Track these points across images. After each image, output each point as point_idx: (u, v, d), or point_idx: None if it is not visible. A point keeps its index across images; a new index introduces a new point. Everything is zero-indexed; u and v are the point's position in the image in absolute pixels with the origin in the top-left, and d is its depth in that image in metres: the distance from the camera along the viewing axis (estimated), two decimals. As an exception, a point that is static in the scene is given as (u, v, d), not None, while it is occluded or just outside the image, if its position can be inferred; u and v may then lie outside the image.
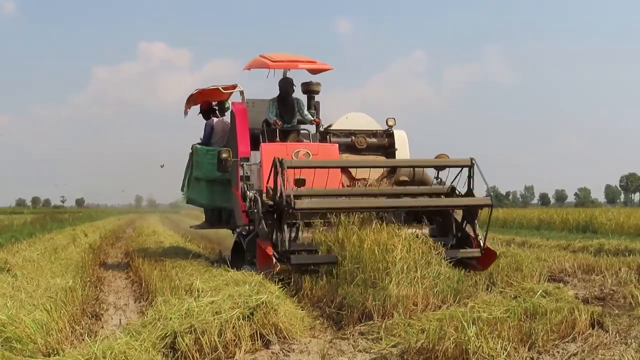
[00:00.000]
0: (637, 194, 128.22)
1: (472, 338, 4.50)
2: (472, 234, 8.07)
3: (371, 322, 5.64)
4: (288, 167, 7.42)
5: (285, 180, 7.31)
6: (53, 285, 6.77)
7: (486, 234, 7.94)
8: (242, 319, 5.09)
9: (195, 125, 11.53)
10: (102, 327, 6.20)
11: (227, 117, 11.14)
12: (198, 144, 10.93)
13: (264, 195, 7.79)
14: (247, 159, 9.27)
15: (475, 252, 7.90)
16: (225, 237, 13.97)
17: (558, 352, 4.78)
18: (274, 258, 7.06)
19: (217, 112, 11.35)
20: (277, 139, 9.61)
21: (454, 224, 8.20)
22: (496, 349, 4.53)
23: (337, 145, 9.85)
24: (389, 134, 10.52)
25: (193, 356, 4.69)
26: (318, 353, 4.93)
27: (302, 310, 6.08)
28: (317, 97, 10.98)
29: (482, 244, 7.88)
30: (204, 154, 10.52)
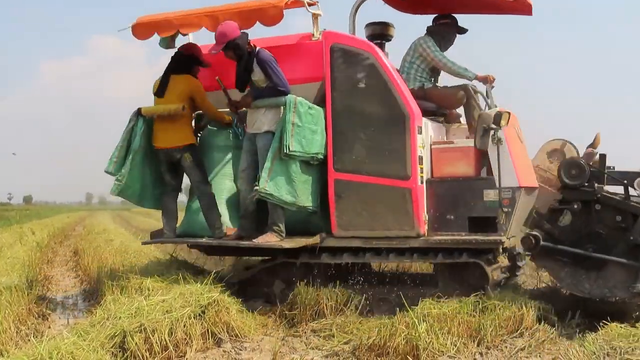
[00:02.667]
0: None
1: (423, 334, 4.57)
2: None
3: (324, 319, 5.65)
4: None
5: None
6: (-2, 284, 6.59)
7: None
8: (193, 318, 5.04)
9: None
10: (49, 327, 6.07)
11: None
12: (266, 94, 6.00)
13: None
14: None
15: None
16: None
17: (506, 347, 4.87)
18: None
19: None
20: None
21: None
22: (446, 344, 4.62)
23: None
24: None
25: (143, 355, 4.62)
26: (270, 351, 4.92)
27: (254, 308, 6.06)
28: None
29: None
30: (306, 112, 5.92)
